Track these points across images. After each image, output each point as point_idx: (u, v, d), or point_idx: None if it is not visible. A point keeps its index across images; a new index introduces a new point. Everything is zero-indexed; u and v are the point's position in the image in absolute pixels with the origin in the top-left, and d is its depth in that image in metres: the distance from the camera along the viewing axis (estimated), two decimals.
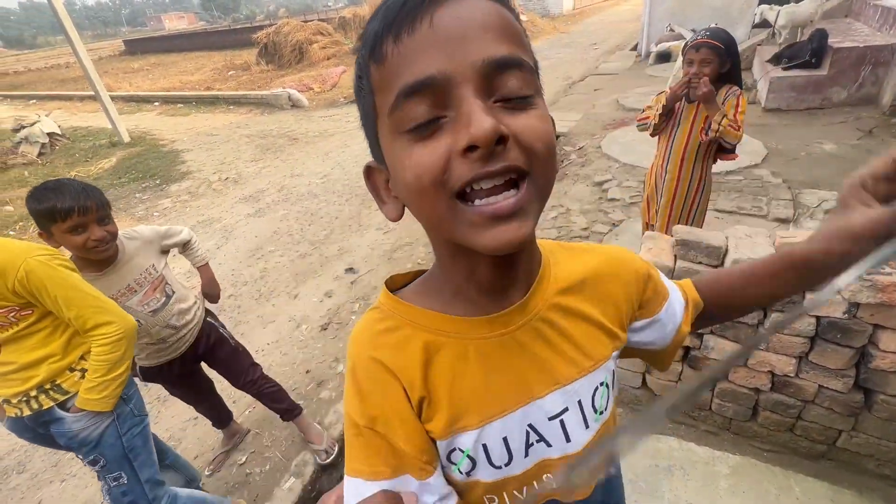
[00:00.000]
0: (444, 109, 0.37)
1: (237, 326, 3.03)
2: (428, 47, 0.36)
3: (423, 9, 0.36)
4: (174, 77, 15.36)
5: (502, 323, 0.48)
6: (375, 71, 0.39)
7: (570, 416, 0.51)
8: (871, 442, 1.50)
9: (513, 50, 0.37)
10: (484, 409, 0.48)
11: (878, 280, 1.26)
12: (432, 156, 0.37)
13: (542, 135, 0.38)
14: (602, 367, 0.53)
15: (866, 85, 4.71)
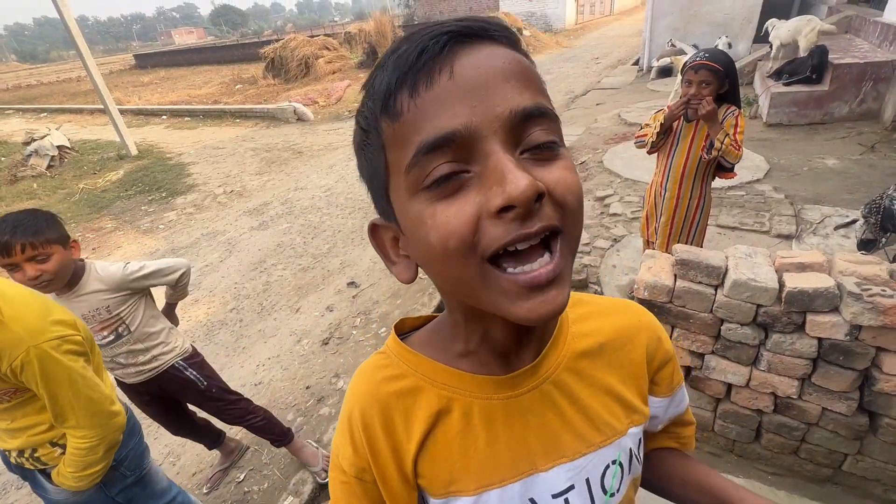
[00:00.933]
0: (469, 164, 0.34)
1: (238, 341, 3.04)
2: (449, 100, 0.33)
3: (441, 59, 0.33)
4: (182, 91, 15.62)
5: (510, 385, 0.46)
6: (388, 127, 0.36)
7: (576, 496, 0.47)
8: (878, 466, 1.48)
9: (537, 98, 0.35)
10: (483, 475, 0.46)
11: (881, 302, 1.25)
12: (460, 216, 0.33)
13: (574, 187, 0.35)
14: (615, 443, 0.49)
15: (867, 100, 4.72)
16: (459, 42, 0.34)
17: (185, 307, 3.50)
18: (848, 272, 1.37)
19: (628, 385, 0.51)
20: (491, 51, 0.35)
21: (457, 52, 0.34)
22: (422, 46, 0.33)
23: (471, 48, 0.34)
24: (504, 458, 0.46)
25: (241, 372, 2.75)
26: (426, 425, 0.45)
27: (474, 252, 0.34)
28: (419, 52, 0.33)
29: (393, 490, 0.46)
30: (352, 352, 2.75)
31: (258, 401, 2.47)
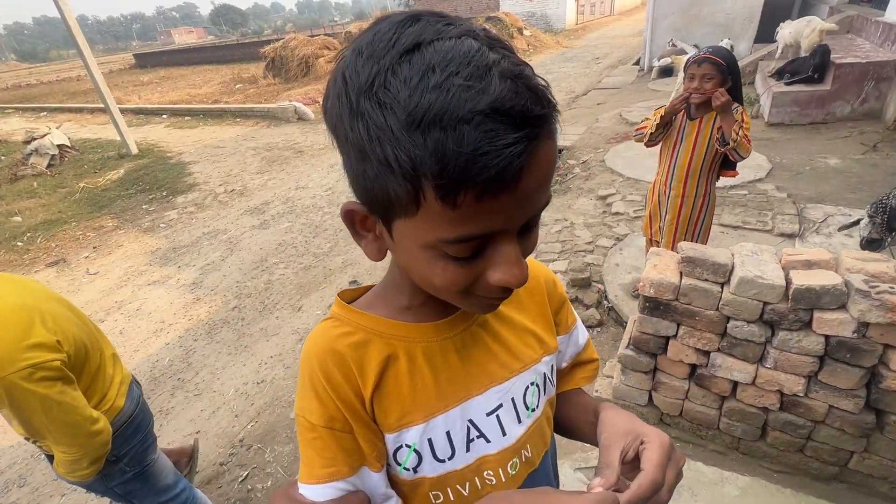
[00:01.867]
0: (488, 243, 0.39)
1: (240, 339, 3.03)
2: (504, 209, 0.36)
3: (516, 173, 0.33)
4: (182, 90, 15.61)
5: (447, 329, 0.54)
6: (434, 200, 0.34)
7: (505, 412, 0.56)
8: (885, 464, 1.47)
9: (549, 193, 0.40)
10: (429, 406, 0.52)
11: (889, 300, 1.25)
12: (467, 276, 0.41)
13: (532, 248, 0.44)
14: (531, 369, 0.59)
15: (869, 100, 4.72)
16: (533, 145, 0.34)
17: (186, 306, 3.50)
18: (855, 269, 1.37)
19: (538, 323, 0.61)
20: (546, 151, 0.35)
21: (530, 163, 0.34)
22: (506, 161, 0.32)
23: (538, 151, 0.34)
24: (445, 389, 0.53)
25: (244, 370, 2.74)
26: (377, 372, 0.51)
27: (467, 292, 0.43)
28: (502, 168, 0.32)
29: (361, 426, 0.51)
30: None
31: (261, 399, 2.48)
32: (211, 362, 2.85)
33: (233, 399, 2.53)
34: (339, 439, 0.50)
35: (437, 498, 0.55)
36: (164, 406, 2.55)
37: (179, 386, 2.69)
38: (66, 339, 1.11)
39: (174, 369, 2.84)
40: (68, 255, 4.56)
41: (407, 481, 0.54)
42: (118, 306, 3.59)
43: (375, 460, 0.52)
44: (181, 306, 3.50)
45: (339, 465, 0.50)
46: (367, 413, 0.51)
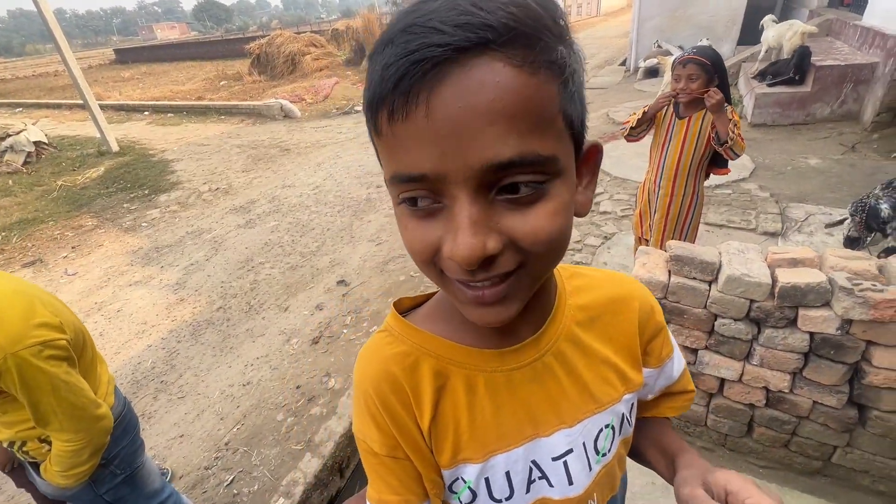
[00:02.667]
0: (441, 197, 0.33)
1: (226, 340, 2.98)
2: (422, 141, 0.31)
3: (419, 88, 0.29)
4: (165, 86, 15.29)
5: (513, 359, 0.47)
6: (374, 136, 0.35)
7: (574, 459, 0.50)
8: (866, 458, 1.50)
9: (526, 146, 0.31)
10: (489, 442, 0.47)
11: (871, 297, 1.27)
12: (424, 240, 0.35)
13: (546, 237, 0.33)
14: (609, 409, 0.52)
15: (848, 102, 4.84)
16: (448, 64, 0.29)
17: (169, 307, 3.42)
18: (839, 267, 1.39)
19: (622, 355, 0.53)
20: (484, 75, 0.29)
21: (441, 81, 0.29)
22: (404, 70, 0.29)
23: (460, 73, 0.29)
24: (509, 426, 0.48)
25: (230, 372, 2.69)
26: (433, 400, 0.46)
27: (434, 265, 0.36)
28: (400, 77, 0.30)
29: (422, 457, 0.48)
30: (342, 350, 2.71)
31: (247, 401, 2.43)
32: (195, 364, 2.79)
33: (218, 401, 2.48)
34: (404, 468, 0.48)
35: None
36: (146, 410, 2.49)
37: (162, 389, 2.63)
38: (66, 324, 1.12)
39: (157, 372, 2.77)
40: (45, 256, 4.43)
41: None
42: (98, 307, 3.50)
43: (435, 496, 0.49)
44: (164, 307, 3.43)
45: (407, 494, 0.48)
46: (426, 444, 0.47)
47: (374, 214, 4.56)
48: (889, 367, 1.34)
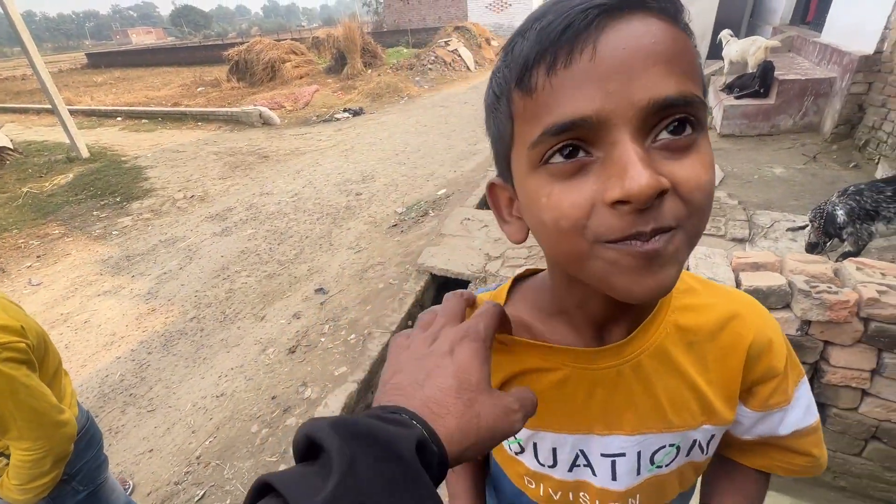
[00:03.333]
0: (594, 148, 0.33)
1: (199, 351, 2.90)
2: (586, 83, 0.31)
3: (586, 36, 0.31)
4: (139, 92, 14.95)
5: (590, 360, 0.47)
6: (520, 100, 0.35)
7: (624, 461, 0.50)
8: (829, 455, 1.56)
9: (684, 87, 0.32)
10: (543, 419, 0.50)
11: (827, 298, 1.33)
12: (575, 201, 0.33)
13: (705, 185, 0.33)
14: (678, 433, 0.50)
15: (809, 114, 5.07)
16: (610, 15, 0.31)
17: (140, 317, 3.32)
18: (797, 271, 1.46)
19: (715, 387, 0.49)
20: (643, 26, 0.32)
21: (604, 29, 0.31)
22: (568, 20, 0.31)
23: (621, 23, 0.31)
24: (564, 416, 0.50)
25: (203, 384, 2.62)
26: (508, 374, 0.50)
27: (583, 234, 0.34)
28: (564, 27, 0.31)
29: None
30: (319, 360, 2.67)
31: (221, 413, 2.38)
32: (167, 376, 2.72)
33: (190, 414, 2.42)
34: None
35: (530, 483, 0.55)
36: (113, 424, 2.40)
37: (131, 402, 2.54)
38: (29, 329, 1.08)
39: (126, 384, 2.68)
40: (8, 265, 4.26)
41: (509, 457, 0.56)
42: (64, 319, 3.37)
43: None
44: (134, 317, 3.33)
45: None
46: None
47: (353, 222, 4.54)
48: (845, 367, 1.40)
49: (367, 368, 2.51)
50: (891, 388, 1.37)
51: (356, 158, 6.54)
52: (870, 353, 1.36)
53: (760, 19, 8.49)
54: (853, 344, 1.36)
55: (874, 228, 2.39)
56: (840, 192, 2.51)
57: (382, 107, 10.13)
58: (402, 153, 6.61)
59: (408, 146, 6.93)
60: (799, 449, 0.54)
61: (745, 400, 0.51)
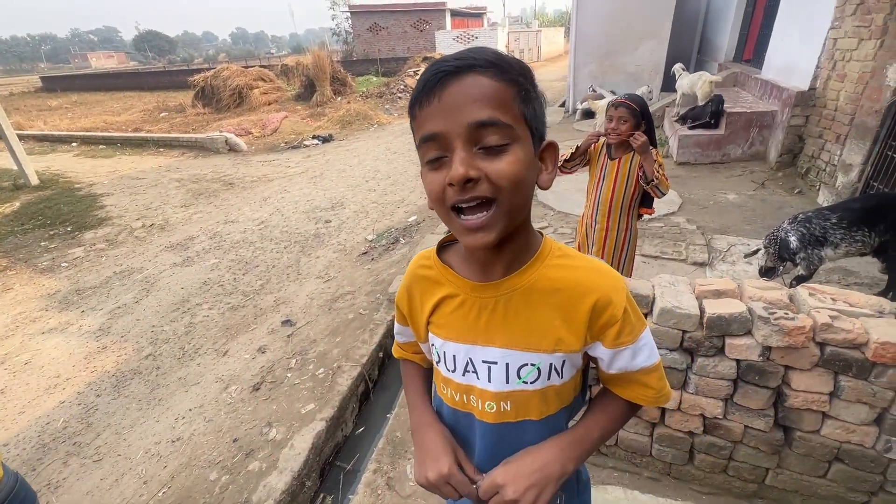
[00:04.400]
0: (446, 152, 0.57)
1: (154, 391, 2.71)
2: (436, 114, 0.56)
3: (435, 90, 0.56)
4: (98, 116, 14.43)
5: (481, 290, 0.71)
6: (413, 121, 0.61)
7: (496, 369, 0.72)
8: (795, 478, 1.59)
9: (492, 114, 0.55)
10: (450, 332, 0.75)
11: (785, 324, 1.38)
12: (435, 182, 0.59)
13: (507, 174, 0.56)
14: (535, 353, 0.70)
15: (756, 144, 5.44)
16: (451, 75, 0.55)
17: (89, 356, 3.09)
18: (756, 297, 1.51)
19: (568, 324, 0.69)
20: (471, 80, 0.55)
21: (446, 84, 0.56)
22: (425, 79, 0.57)
23: (457, 79, 0.55)
24: (462, 330, 0.73)
25: (157, 427, 2.44)
26: (437, 299, 0.76)
27: (444, 202, 0.59)
28: (424, 83, 0.57)
29: (418, 324, 0.81)
30: (286, 397, 2.55)
31: (176, 460, 2.20)
32: (116, 421, 2.51)
33: (142, 462, 2.23)
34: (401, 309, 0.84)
35: (444, 388, 0.79)
36: (53, 479, 2.18)
37: (75, 452, 2.33)
38: None
39: (69, 432, 2.46)
40: None
41: (435, 367, 0.81)
42: (1, 360, 3.09)
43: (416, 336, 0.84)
44: (82, 357, 3.09)
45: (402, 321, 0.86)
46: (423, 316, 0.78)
47: (322, 250, 4.45)
48: (806, 390, 1.44)
49: (335, 405, 2.40)
50: (848, 410, 1.42)
51: (325, 185, 6.48)
52: (827, 377, 1.41)
53: (708, 55, 9.15)
54: (811, 368, 1.41)
55: (823, 253, 2.54)
56: (790, 220, 2.66)
57: (352, 133, 10.16)
58: (373, 180, 6.60)
59: (378, 173, 6.93)
60: (648, 382, 0.74)
61: (602, 341, 0.70)
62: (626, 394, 0.77)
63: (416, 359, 0.92)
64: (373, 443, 2.38)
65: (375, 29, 25.46)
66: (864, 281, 2.99)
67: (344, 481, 2.23)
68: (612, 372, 0.74)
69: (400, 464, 2.03)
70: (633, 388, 0.76)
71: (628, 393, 0.76)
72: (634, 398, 0.77)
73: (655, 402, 0.76)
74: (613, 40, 8.66)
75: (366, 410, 2.69)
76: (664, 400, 0.76)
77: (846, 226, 2.48)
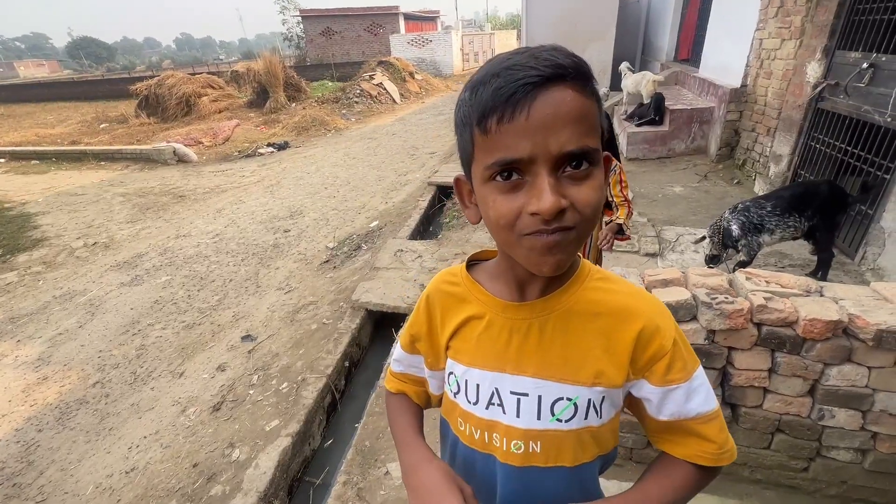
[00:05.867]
0: (525, 175, 0.49)
1: (103, 421, 2.55)
2: (523, 134, 0.47)
3: (524, 103, 0.46)
4: (28, 129, 13.40)
5: (515, 311, 0.63)
6: (479, 135, 0.50)
7: (527, 402, 0.63)
8: (742, 451, 1.70)
9: (583, 142, 0.48)
10: (475, 358, 0.66)
11: (726, 308, 1.47)
12: (510, 208, 0.50)
13: (593, 202, 0.50)
14: (571, 386, 0.61)
15: (697, 139, 5.76)
16: (540, 87, 0.46)
17: (27, 388, 2.87)
18: (699, 284, 1.60)
19: (609, 353, 0.61)
20: (561, 95, 0.47)
21: (536, 97, 0.46)
22: (514, 89, 0.46)
23: (547, 93, 0.46)
24: (488, 356, 0.65)
25: (108, 459, 2.29)
26: (461, 319, 0.68)
27: (513, 229, 0.51)
28: (511, 93, 0.46)
29: (436, 342, 0.73)
30: (249, 415, 2.46)
31: (131, 492, 2.08)
32: (62, 456, 2.35)
33: (92, 498, 2.10)
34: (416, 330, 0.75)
35: (461, 425, 0.69)
36: None
37: (15, 494, 2.15)
38: None
39: (7, 473, 2.27)
40: None
41: (450, 400, 0.71)
42: None
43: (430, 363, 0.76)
44: (20, 390, 2.87)
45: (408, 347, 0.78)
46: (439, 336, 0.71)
47: (282, 260, 4.33)
48: (747, 368, 1.55)
49: (301, 419, 2.35)
50: (785, 384, 1.53)
51: (283, 194, 6.32)
52: (765, 355, 1.52)
53: (651, 55, 9.61)
54: (751, 347, 1.51)
55: (762, 239, 2.73)
56: (731, 209, 2.84)
57: (309, 140, 9.96)
58: (332, 186, 6.49)
59: (337, 179, 6.83)
60: (707, 434, 0.62)
61: (648, 377, 0.62)
62: (681, 450, 0.64)
63: (411, 392, 0.81)
64: (342, 455, 2.34)
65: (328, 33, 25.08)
66: (797, 262, 3.23)
67: (314, 496, 2.18)
68: (662, 419, 0.63)
69: (370, 473, 2.01)
70: (689, 443, 0.63)
71: (683, 449, 0.64)
72: (691, 456, 0.63)
73: (718, 460, 0.63)
74: (562, 42, 8.53)
75: (333, 422, 2.64)
76: (728, 458, 0.63)
77: (779, 213, 2.67)
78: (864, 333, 1.37)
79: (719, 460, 0.63)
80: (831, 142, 3.54)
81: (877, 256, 2.94)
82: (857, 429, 1.53)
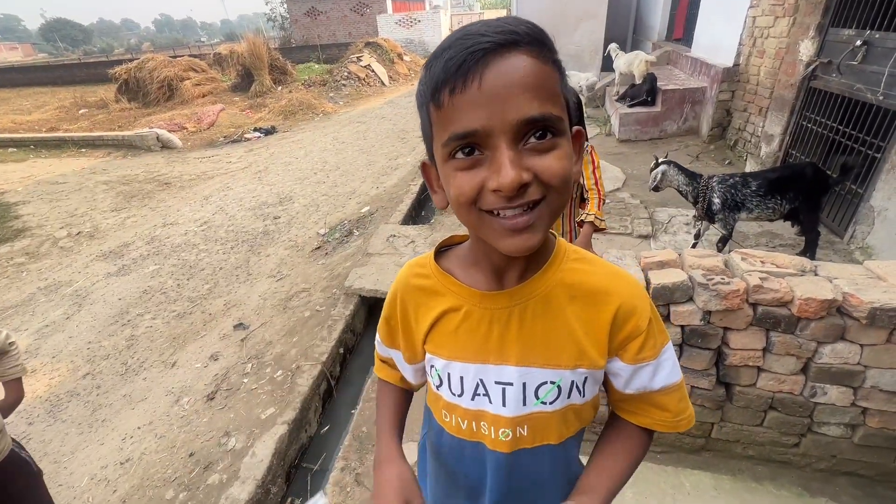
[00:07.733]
0: (483, 149, 0.47)
1: (95, 412, 2.52)
2: (476, 104, 0.44)
3: (475, 71, 0.44)
4: (4, 116, 12.94)
5: (492, 301, 0.61)
6: (434, 110, 0.48)
7: (512, 391, 0.62)
8: (736, 429, 1.72)
9: (544, 108, 0.45)
10: (455, 351, 0.65)
11: (722, 289, 1.47)
12: (469, 184, 0.48)
13: (559, 172, 0.47)
14: (555, 370, 0.61)
15: (689, 119, 5.74)
16: (493, 52, 0.44)
17: None
18: (695, 266, 1.60)
19: (589, 336, 0.61)
20: (516, 61, 0.44)
21: (488, 64, 0.44)
22: (462, 58, 0.44)
23: (500, 59, 0.44)
24: (472, 347, 0.63)
25: (102, 450, 2.27)
26: (437, 314, 0.65)
27: (475, 206, 0.49)
28: (461, 62, 0.44)
29: (411, 338, 0.70)
30: (244, 403, 2.45)
31: (127, 483, 2.07)
32: (54, 449, 2.32)
33: (87, 490, 2.08)
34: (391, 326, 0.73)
35: (446, 416, 0.69)
36: None
37: None
38: None
39: None
40: None
41: (434, 392, 0.70)
42: None
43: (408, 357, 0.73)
44: None
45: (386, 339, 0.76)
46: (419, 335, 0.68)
47: (273, 248, 4.27)
48: (742, 348, 1.56)
49: (297, 406, 2.34)
50: (779, 363, 1.55)
51: (271, 180, 6.20)
52: (760, 334, 1.53)
53: (642, 35, 9.49)
54: (746, 327, 1.52)
55: (738, 216, 2.86)
56: (720, 179, 2.87)
57: (296, 124, 9.76)
58: (321, 171, 6.39)
59: (326, 164, 6.72)
60: (667, 404, 0.65)
61: (621, 355, 0.63)
62: (640, 419, 0.67)
63: (395, 378, 0.80)
64: (339, 441, 2.34)
65: (313, 14, 24.37)
66: (787, 242, 3.26)
67: (312, 482, 2.19)
68: (627, 392, 0.65)
69: (368, 459, 2.01)
70: (648, 413, 0.66)
71: (642, 418, 0.66)
72: (649, 424, 0.66)
73: (674, 427, 0.65)
74: (553, 22, 8.76)
75: (330, 408, 2.64)
76: (685, 425, 0.66)
77: (762, 194, 2.76)
78: (858, 312, 1.38)
79: (677, 426, 0.66)
80: (823, 121, 3.54)
81: (866, 235, 2.98)
82: (847, 405, 1.56)
